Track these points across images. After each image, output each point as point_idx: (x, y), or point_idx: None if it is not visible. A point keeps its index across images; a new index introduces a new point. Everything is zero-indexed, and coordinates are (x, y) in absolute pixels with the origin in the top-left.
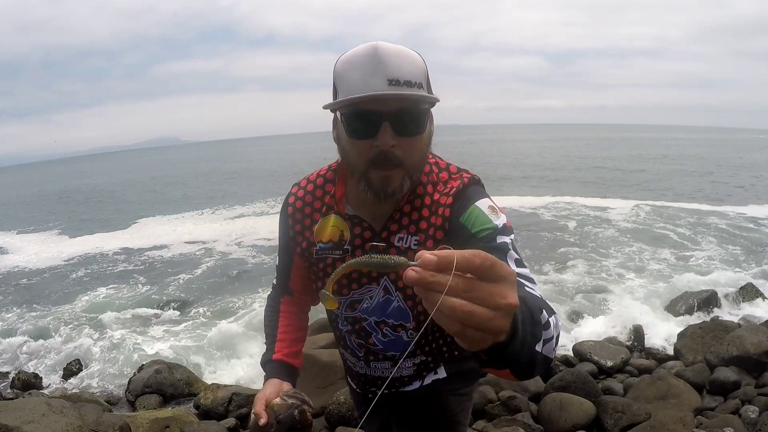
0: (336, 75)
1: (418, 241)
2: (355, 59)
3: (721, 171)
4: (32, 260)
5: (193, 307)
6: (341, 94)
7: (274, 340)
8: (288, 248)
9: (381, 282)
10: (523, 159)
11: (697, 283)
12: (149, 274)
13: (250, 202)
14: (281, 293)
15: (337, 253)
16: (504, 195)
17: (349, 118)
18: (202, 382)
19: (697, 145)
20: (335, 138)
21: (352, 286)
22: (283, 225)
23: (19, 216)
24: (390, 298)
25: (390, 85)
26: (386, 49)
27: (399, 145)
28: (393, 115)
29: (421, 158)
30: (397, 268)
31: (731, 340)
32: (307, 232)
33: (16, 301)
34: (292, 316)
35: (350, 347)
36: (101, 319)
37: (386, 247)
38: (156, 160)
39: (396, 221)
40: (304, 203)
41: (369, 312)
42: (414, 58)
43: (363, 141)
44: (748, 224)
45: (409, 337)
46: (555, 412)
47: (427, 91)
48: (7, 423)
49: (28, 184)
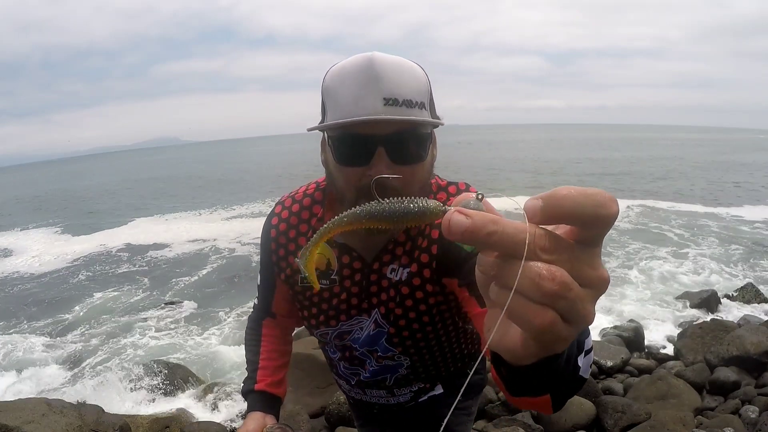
0: (324, 91)
1: (411, 272)
2: (346, 73)
3: (721, 171)
4: (34, 261)
5: (193, 307)
6: (330, 114)
7: (256, 368)
8: (270, 273)
9: (372, 314)
10: (520, 159)
11: (697, 283)
12: (149, 274)
13: (249, 202)
14: (263, 315)
15: (323, 283)
16: (496, 196)
17: (338, 142)
18: (203, 381)
19: (696, 145)
20: (323, 161)
21: (340, 318)
22: (265, 247)
23: (18, 216)
24: (381, 331)
25: (387, 105)
26: (383, 62)
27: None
28: (389, 140)
29: (422, 187)
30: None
31: (731, 340)
32: (291, 257)
33: (15, 301)
34: (275, 341)
35: (343, 375)
36: (101, 319)
37: (378, 279)
38: (156, 160)
39: (389, 252)
40: (288, 225)
41: (359, 343)
42: (415, 73)
43: (353, 168)
44: (748, 224)
45: (406, 369)
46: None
47: (430, 112)
48: (7, 423)
49: (27, 184)
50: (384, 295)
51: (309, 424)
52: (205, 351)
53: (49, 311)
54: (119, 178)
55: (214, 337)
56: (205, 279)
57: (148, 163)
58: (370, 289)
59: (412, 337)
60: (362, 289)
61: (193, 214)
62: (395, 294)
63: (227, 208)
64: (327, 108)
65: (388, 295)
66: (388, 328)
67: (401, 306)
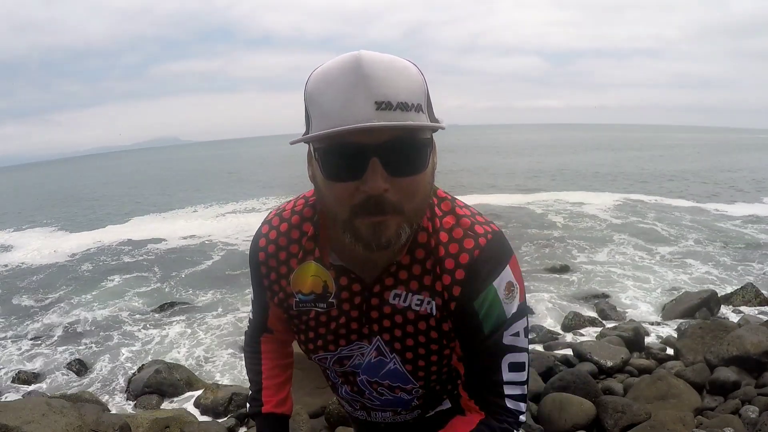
0: (308, 98)
1: (422, 300)
2: (331, 76)
3: (720, 171)
4: (35, 257)
5: (193, 306)
6: (315, 123)
7: (260, 388)
8: (263, 296)
9: (373, 341)
10: (518, 160)
11: (697, 283)
12: (149, 273)
13: (246, 201)
14: (260, 332)
15: (321, 306)
16: (490, 194)
17: (326, 154)
18: (202, 381)
19: (696, 145)
20: (311, 177)
21: (339, 342)
22: (254, 271)
23: (18, 215)
24: (384, 360)
25: (379, 109)
26: (372, 61)
27: (393, 188)
28: (384, 150)
29: (423, 200)
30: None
31: (731, 340)
32: (283, 281)
33: (16, 300)
34: (276, 356)
35: (345, 398)
36: (101, 319)
37: (379, 304)
38: (156, 160)
39: (392, 275)
40: (278, 247)
41: (361, 369)
42: (409, 72)
43: (344, 184)
44: (748, 224)
45: (412, 394)
46: (555, 413)
47: (428, 114)
48: (7, 423)
49: (27, 184)
50: (387, 321)
51: (309, 424)
52: (205, 351)
53: (49, 311)
54: (119, 179)
55: (214, 337)
56: (205, 279)
57: (147, 163)
58: (370, 315)
59: (425, 369)
60: (362, 314)
61: (190, 211)
62: (402, 321)
63: (231, 203)
64: (311, 116)
65: (393, 322)
66: (393, 356)
67: (407, 335)
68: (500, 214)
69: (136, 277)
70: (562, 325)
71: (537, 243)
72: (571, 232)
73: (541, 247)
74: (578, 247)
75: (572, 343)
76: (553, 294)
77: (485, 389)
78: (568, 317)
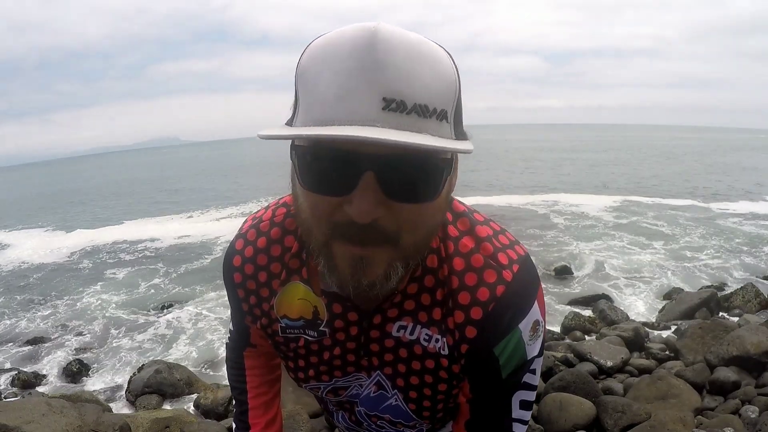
0: (299, 75)
1: (430, 336)
2: (333, 51)
3: (720, 171)
4: (33, 256)
5: (193, 306)
6: (301, 111)
7: (246, 409)
8: (242, 320)
9: (373, 375)
10: (517, 160)
11: (697, 283)
12: (149, 273)
13: (246, 201)
14: (243, 345)
15: (311, 334)
16: (490, 194)
17: (306, 155)
18: (202, 381)
19: (696, 145)
20: (292, 179)
21: (334, 373)
22: (231, 292)
23: (17, 215)
24: (385, 394)
25: (387, 109)
26: (390, 41)
27: (390, 214)
28: (384, 164)
29: (429, 234)
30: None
31: (731, 340)
32: (265, 304)
33: (14, 299)
34: (262, 372)
35: (342, 425)
36: (101, 318)
37: (380, 337)
38: (156, 161)
39: (396, 305)
40: (256, 267)
41: (359, 400)
42: (439, 62)
43: (325, 197)
44: (748, 223)
45: (416, 428)
46: (555, 412)
47: (453, 126)
48: (7, 423)
49: (26, 184)
50: (389, 355)
51: (309, 424)
52: (205, 351)
53: (49, 311)
54: (118, 179)
55: (213, 337)
56: (206, 278)
57: (147, 163)
58: (370, 347)
59: (431, 410)
60: (360, 346)
61: (190, 211)
62: (407, 356)
63: (231, 203)
64: (299, 101)
65: (396, 356)
66: (395, 392)
67: (412, 372)
68: (500, 214)
69: (135, 277)
70: (562, 325)
71: (537, 243)
72: (571, 233)
73: (541, 247)
74: (578, 248)
75: (572, 343)
76: (554, 294)
77: (491, 428)
78: (568, 317)
